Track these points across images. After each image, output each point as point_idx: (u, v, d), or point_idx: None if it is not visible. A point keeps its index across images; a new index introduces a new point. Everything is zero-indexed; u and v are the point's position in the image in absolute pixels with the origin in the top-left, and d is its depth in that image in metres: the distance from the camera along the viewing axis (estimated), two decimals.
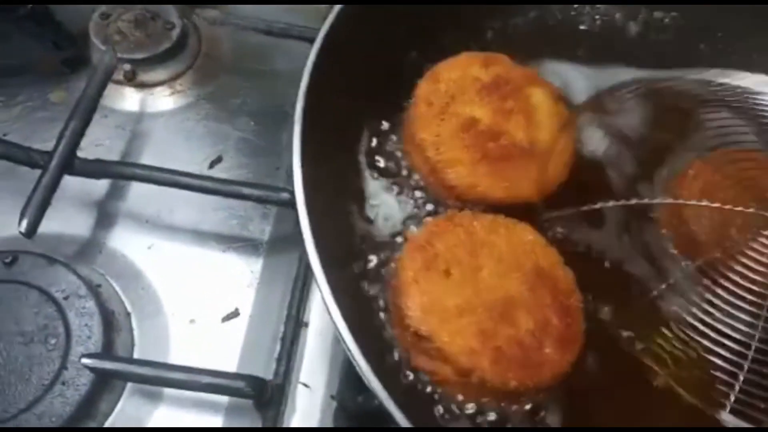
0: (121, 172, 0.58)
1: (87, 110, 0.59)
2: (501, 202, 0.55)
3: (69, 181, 0.58)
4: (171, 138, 0.67)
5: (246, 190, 0.57)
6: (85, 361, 0.49)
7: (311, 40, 0.68)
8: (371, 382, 0.40)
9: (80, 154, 0.59)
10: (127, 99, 0.68)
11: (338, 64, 0.54)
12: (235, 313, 0.58)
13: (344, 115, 0.56)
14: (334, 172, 0.54)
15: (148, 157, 0.65)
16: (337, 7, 0.55)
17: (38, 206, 0.53)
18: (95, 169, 0.58)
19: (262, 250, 0.62)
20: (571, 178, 0.56)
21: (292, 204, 0.52)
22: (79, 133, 0.58)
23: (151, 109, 0.68)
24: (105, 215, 0.62)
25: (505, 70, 0.59)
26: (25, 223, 0.52)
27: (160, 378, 0.50)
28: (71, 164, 0.57)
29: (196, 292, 0.59)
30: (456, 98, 0.57)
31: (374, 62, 0.57)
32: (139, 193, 0.62)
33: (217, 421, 0.53)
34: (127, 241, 0.61)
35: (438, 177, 0.56)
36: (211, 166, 0.66)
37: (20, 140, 0.64)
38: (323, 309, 0.50)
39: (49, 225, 0.56)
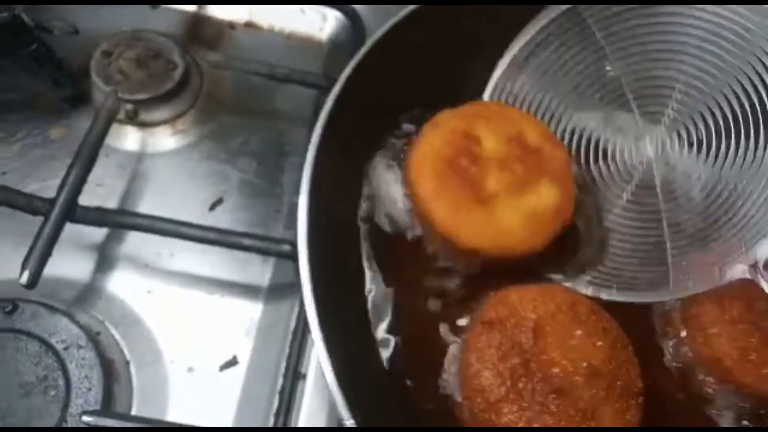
0: (122, 221, 0.58)
1: (89, 156, 0.59)
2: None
3: (68, 225, 0.58)
4: (172, 178, 0.67)
5: (247, 242, 0.58)
6: (86, 419, 0.49)
7: (313, 85, 0.69)
8: None
9: (81, 196, 0.59)
10: (129, 138, 0.68)
11: (344, 121, 0.54)
12: (233, 362, 0.59)
13: (349, 168, 0.57)
14: (336, 228, 0.55)
15: (148, 198, 0.66)
16: (348, 66, 0.55)
17: (40, 257, 0.53)
18: (97, 217, 0.58)
19: (262, 297, 0.62)
20: None
21: (292, 256, 0.53)
22: (81, 180, 0.58)
23: (152, 149, 0.68)
24: (104, 259, 0.62)
25: (535, 139, 0.56)
26: (26, 275, 0.52)
27: None
28: (73, 212, 0.57)
29: (195, 338, 0.59)
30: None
31: (375, 122, 0.58)
32: (138, 236, 0.62)
33: None
34: (126, 286, 0.61)
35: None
36: (212, 207, 0.66)
37: (19, 178, 0.64)
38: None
39: (48, 269, 0.56)
